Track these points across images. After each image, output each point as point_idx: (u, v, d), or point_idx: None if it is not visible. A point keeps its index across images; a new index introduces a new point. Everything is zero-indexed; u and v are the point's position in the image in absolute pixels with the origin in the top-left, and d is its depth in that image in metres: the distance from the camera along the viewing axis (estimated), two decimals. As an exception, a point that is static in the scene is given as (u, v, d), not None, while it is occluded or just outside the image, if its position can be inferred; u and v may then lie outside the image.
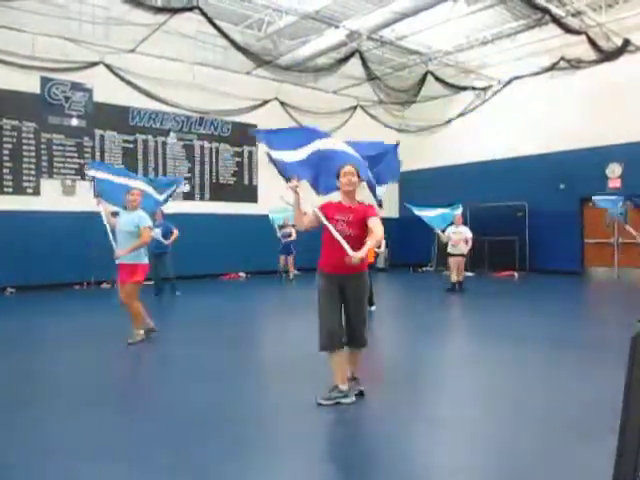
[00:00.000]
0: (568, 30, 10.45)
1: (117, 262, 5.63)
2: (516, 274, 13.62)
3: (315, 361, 4.06)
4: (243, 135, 13.67)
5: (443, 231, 10.23)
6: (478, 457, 2.89)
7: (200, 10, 9.48)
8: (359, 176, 3.73)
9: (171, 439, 3.05)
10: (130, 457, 2.84)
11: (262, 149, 14.09)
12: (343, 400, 3.56)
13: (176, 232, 9.61)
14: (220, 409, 3.58)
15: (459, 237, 10.15)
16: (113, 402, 3.79)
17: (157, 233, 9.35)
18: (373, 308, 7.61)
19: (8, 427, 3.27)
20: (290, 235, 12.33)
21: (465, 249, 10.19)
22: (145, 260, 5.79)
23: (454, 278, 10.18)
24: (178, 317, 8.24)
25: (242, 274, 13.74)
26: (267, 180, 13.44)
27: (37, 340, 6.11)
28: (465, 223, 10.97)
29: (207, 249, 12.52)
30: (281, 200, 4.18)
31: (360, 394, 3.69)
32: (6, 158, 10.73)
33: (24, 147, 10.93)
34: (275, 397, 3.86)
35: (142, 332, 5.75)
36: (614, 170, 12.80)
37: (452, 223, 10.30)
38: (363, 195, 3.86)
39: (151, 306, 8.52)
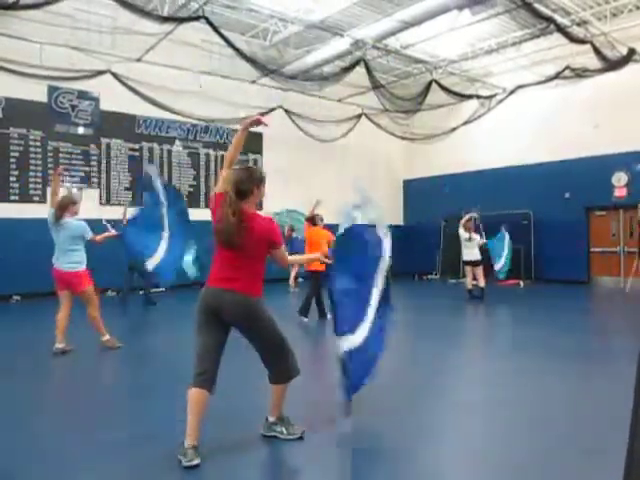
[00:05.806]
0: (573, 39, 10.46)
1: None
2: (521, 283, 13.55)
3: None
4: (248, 143, 13.69)
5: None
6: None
7: (206, 20, 9.56)
8: None
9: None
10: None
11: (267, 158, 14.15)
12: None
13: None
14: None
15: (473, 244, 10.45)
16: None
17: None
18: None
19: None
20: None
21: (479, 256, 10.51)
22: None
23: (469, 285, 10.44)
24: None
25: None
26: (272, 187, 13.45)
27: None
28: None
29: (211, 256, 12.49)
30: None
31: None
32: (13, 166, 10.79)
33: (31, 155, 10.99)
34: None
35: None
36: (620, 179, 12.74)
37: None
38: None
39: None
